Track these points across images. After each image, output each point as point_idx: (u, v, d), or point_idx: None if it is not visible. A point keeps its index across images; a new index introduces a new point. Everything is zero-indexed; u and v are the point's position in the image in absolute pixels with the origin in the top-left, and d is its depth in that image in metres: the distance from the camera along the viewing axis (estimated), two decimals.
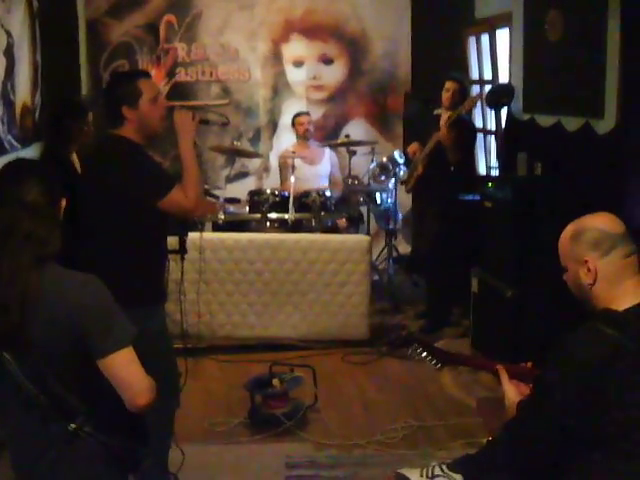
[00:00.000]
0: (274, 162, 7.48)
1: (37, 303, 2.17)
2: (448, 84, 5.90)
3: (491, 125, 6.84)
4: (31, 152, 5.26)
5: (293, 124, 7.00)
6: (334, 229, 6.34)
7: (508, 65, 6.28)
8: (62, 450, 2.25)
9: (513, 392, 2.46)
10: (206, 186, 6.76)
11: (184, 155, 3.33)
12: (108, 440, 2.25)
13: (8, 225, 2.20)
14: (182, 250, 4.70)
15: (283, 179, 6.99)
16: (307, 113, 7.05)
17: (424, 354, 2.82)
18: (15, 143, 5.22)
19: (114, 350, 2.20)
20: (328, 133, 7.58)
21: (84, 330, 2.19)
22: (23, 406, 2.23)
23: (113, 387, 2.24)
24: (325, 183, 6.85)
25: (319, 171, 6.92)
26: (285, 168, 6.96)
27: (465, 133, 5.91)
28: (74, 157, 4.71)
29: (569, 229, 2.34)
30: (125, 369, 2.23)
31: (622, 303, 2.21)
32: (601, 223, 2.29)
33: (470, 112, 6.32)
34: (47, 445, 2.26)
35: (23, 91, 5.51)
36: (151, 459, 2.50)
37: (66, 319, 2.17)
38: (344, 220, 6.44)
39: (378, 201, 6.74)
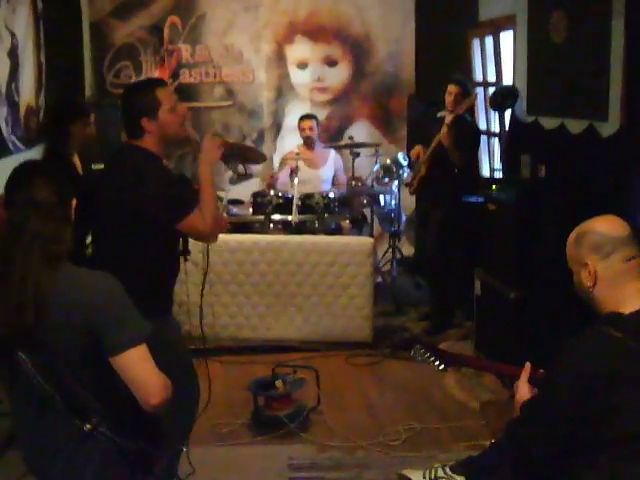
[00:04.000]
0: (278, 164, 7.49)
1: (51, 302, 2.17)
2: (450, 87, 5.90)
3: (495, 127, 6.84)
4: (35, 153, 5.26)
5: (299, 126, 7.01)
6: (337, 231, 6.34)
7: (512, 67, 6.28)
8: (76, 449, 2.25)
9: (526, 391, 2.45)
10: None
11: (203, 180, 3.29)
12: (122, 441, 2.25)
13: (18, 224, 2.22)
14: (185, 251, 4.71)
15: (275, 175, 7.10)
16: (312, 117, 7.00)
17: (427, 355, 2.82)
18: (19, 144, 5.23)
19: (127, 347, 2.20)
20: (332, 135, 7.58)
21: (97, 327, 2.19)
22: (38, 406, 2.23)
23: (128, 387, 2.24)
24: (326, 187, 6.81)
25: (321, 175, 6.90)
26: (282, 168, 7.05)
27: (467, 134, 5.91)
28: (75, 159, 4.72)
29: (574, 232, 2.36)
30: (138, 367, 2.22)
31: (627, 306, 2.22)
32: (603, 226, 2.30)
33: (472, 112, 6.32)
34: (61, 444, 2.26)
35: (27, 92, 5.52)
36: (165, 462, 2.49)
37: (80, 317, 2.18)
38: (347, 222, 6.43)
39: (382, 203, 6.73)
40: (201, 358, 5.34)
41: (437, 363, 2.80)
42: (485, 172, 7.10)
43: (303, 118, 6.99)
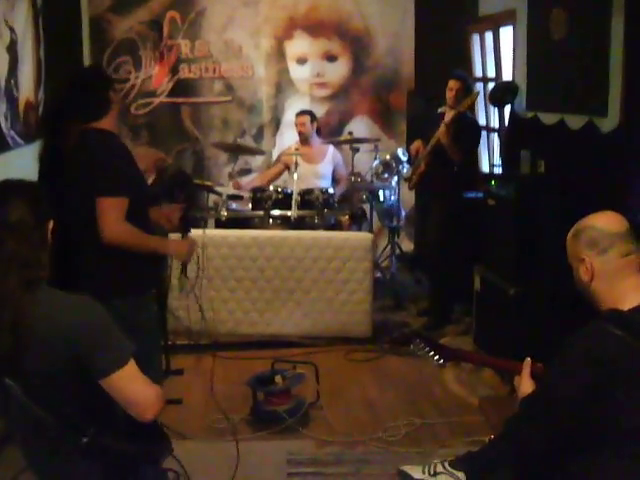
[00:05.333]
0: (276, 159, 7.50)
1: (30, 327, 2.13)
2: (451, 83, 5.89)
3: (494, 123, 6.83)
4: (34, 148, 5.26)
5: (294, 123, 7.01)
6: (337, 226, 6.34)
7: (512, 63, 6.27)
8: (78, 463, 2.24)
9: (529, 387, 2.45)
10: (209, 183, 6.77)
11: (156, 244, 3.38)
12: (123, 447, 2.24)
13: None
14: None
15: (271, 171, 7.16)
16: (305, 113, 6.98)
17: (426, 349, 2.82)
18: (18, 139, 5.22)
19: (114, 369, 2.18)
20: (331, 130, 7.57)
21: (82, 351, 2.16)
22: (34, 427, 2.21)
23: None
24: (325, 183, 6.80)
25: (318, 170, 6.88)
26: (277, 163, 7.15)
27: (468, 131, 5.90)
28: None
29: (573, 228, 2.37)
30: (127, 387, 2.21)
31: (626, 302, 2.22)
32: (600, 222, 2.32)
33: (472, 109, 6.31)
34: (62, 460, 2.24)
35: (26, 87, 5.51)
36: (166, 455, 2.48)
37: (62, 341, 2.14)
38: (347, 217, 6.43)
39: (381, 198, 6.74)
40: (200, 353, 5.40)
41: (436, 357, 2.80)
42: (485, 168, 7.10)
43: (297, 114, 6.99)
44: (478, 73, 7.12)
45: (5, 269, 2.15)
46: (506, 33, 6.46)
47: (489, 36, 6.84)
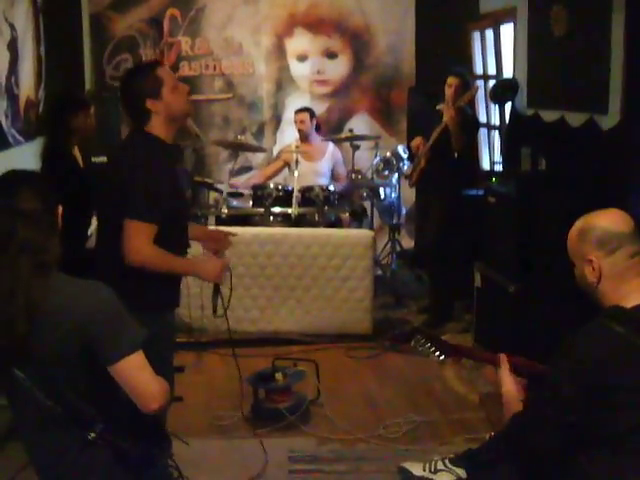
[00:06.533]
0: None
1: (43, 313, 2.14)
2: (450, 79, 5.89)
3: (495, 120, 6.83)
4: (35, 146, 5.26)
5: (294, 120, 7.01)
6: (337, 224, 6.34)
7: (512, 60, 6.27)
8: (79, 458, 2.23)
9: (511, 382, 2.48)
10: (209, 180, 6.76)
11: (182, 267, 3.29)
12: (126, 445, 2.23)
13: (3, 235, 2.16)
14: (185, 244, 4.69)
15: (270, 167, 7.22)
16: (304, 110, 6.96)
17: (427, 345, 2.82)
18: (19, 137, 5.23)
19: (124, 355, 2.18)
20: (332, 127, 7.57)
21: (93, 337, 2.16)
22: (39, 419, 2.21)
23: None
24: (324, 181, 6.78)
25: (317, 168, 6.88)
26: (277, 160, 7.21)
27: (466, 127, 5.89)
28: (76, 151, 4.71)
29: (577, 226, 2.33)
30: (136, 374, 2.21)
31: (630, 300, 2.21)
32: (608, 222, 2.27)
33: (472, 106, 6.31)
34: (66, 451, 2.24)
35: (27, 85, 5.51)
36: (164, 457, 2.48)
37: (74, 327, 2.15)
38: (347, 215, 6.43)
39: (382, 196, 6.73)
40: (201, 350, 5.39)
41: (437, 353, 2.79)
42: (485, 165, 7.10)
43: (296, 112, 6.98)
44: (479, 70, 7.11)
45: (18, 257, 2.16)
46: (507, 30, 6.46)
47: (490, 33, 6.83)
